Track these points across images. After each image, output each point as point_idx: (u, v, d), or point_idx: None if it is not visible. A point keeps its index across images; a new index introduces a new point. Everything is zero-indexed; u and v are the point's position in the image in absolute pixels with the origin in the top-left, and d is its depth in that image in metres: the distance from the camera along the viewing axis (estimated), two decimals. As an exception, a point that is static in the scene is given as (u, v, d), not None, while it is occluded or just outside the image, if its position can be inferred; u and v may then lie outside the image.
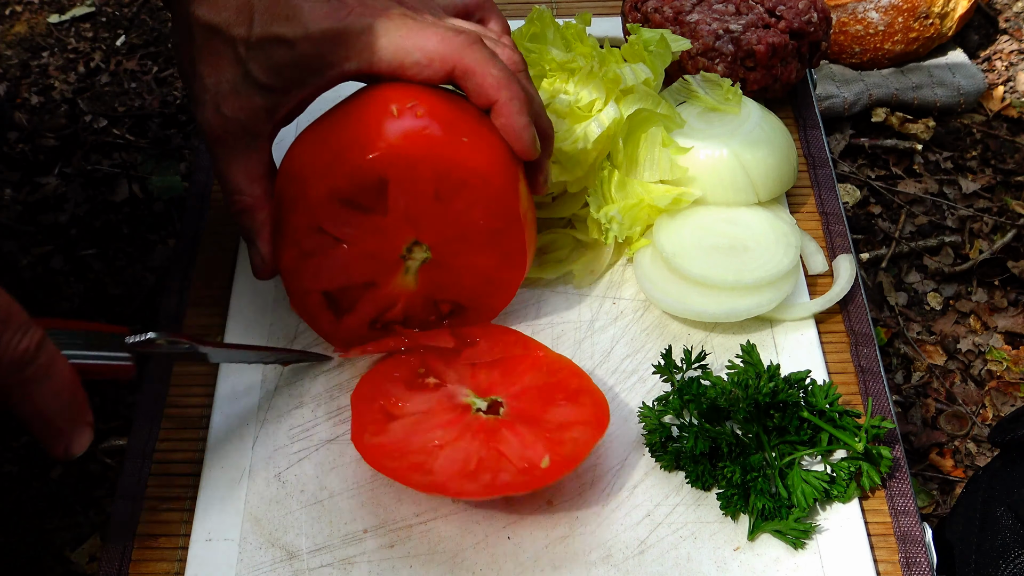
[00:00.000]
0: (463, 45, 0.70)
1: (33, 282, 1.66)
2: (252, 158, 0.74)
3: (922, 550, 0.71)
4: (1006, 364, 1.53)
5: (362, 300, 0.77)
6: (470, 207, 0.72)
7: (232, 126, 0.72)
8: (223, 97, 0.72)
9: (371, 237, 0.73)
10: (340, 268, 0.75)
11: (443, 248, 0.75)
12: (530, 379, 0.76)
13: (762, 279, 0.80)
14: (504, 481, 0.69)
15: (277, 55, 0.70)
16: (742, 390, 0.73)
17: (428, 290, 0.77)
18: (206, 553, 0.71)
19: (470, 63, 0.70)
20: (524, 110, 0.71)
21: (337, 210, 0.71)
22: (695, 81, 0.89)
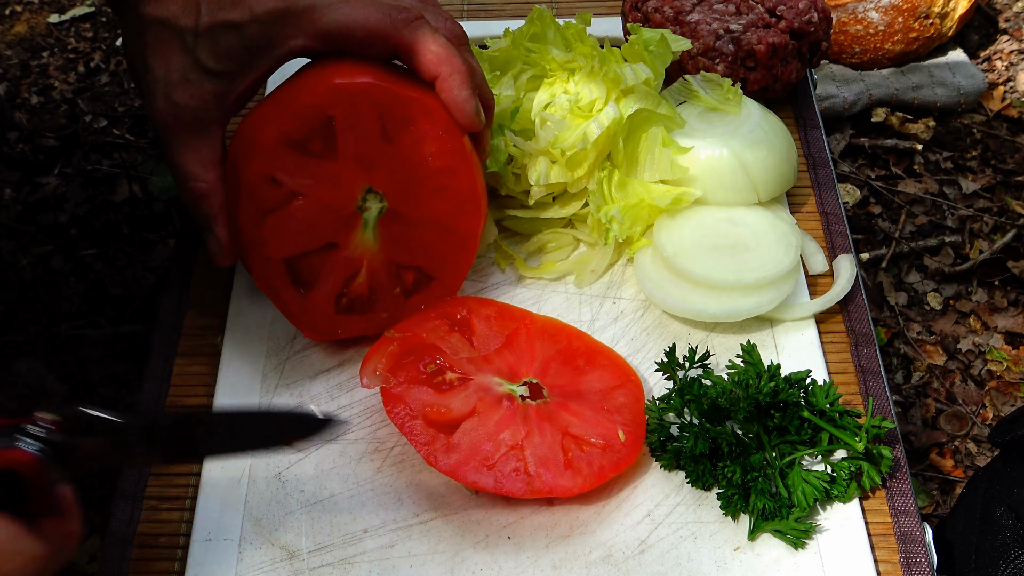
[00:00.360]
0: (404, 23, 0.71)
1: (33, 282, 1.66)
2: (204, 144, 0.75)
3: (922, 550, 0.71)
4: (1006, 364, 1.53)
5: (324, 268, 0.77)
6: (418, 143, 0.74)
7: (183, 113, 0.74)
8: (173, 86, 0.73)
9: (325, 187, 0.74)
10: (298, 226, 0.75)
11: (397, 195, 0.75)
12: (541, 350, 0.77)
13: (762, 279, 0.80)
14: (601, 465, 0.71)
15: (225, 40, 0.72)
16: (743, 390, 0.73)
17: (389, 251, 0.77)
18: (206, 553, 0.71)
19: (410, 39, 0.72)
20: (465, 83, 0.73)
21: (288, 156, 0.73)
22: (695, 81, 0.89)
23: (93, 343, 1.58)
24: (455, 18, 0.79)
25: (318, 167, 0.74)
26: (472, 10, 1.12)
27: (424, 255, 0.78)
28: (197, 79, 0.73)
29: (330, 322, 0.79)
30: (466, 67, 0.73)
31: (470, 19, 1.10)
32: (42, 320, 1.62)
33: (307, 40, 0.72)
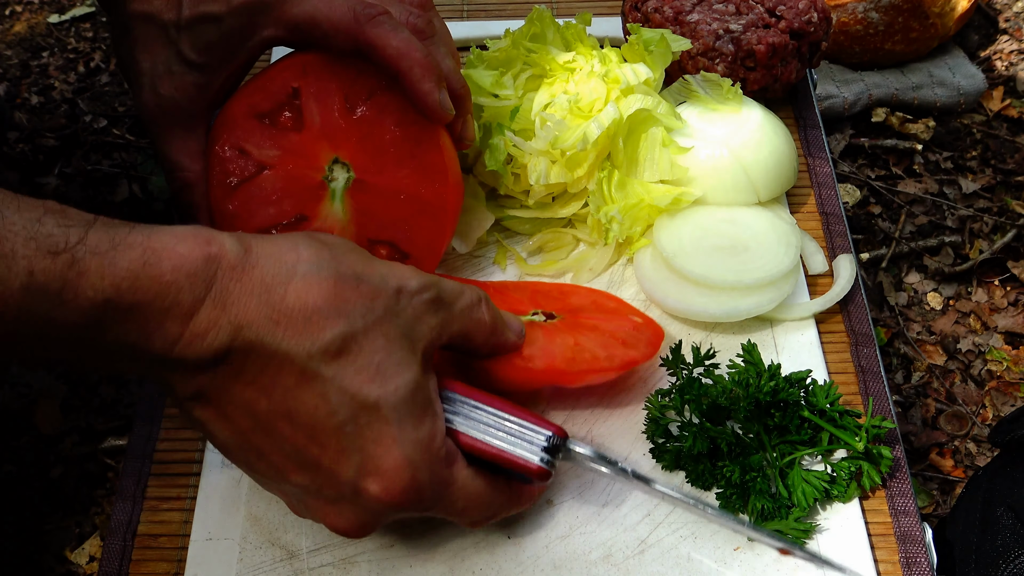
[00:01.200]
0: (366, 19, 0.73)
1: (33, 282, 1.66)
2: (189, 136, 0.78)
3: (922, 550, 0.71)
4: (1006, 364, 1.53)
5: None
6: (381, 114, 0.76)
7: (168, 105, 0.77)
8: (158, 79, 0.76)
9: (291, 157, 0.77)
10: (267, 198, 0.77)
11: (364, 164, 0.77)
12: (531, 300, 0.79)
13: (762, 279, 0.80)
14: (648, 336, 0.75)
15: (205, 32, 0.75)
16: (743, 389, 0.73)
17: (360, 223, 0.78)
18: (206, 553, 0.71)
19: (371, 36, 0.73)
20: (427, 75, 0.73)
21: (256, 127, 0.76)
22: (695, 81, 0.89)
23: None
24: (456, 18, 0.79)
25: (285, 138, 0.77)
26: (472, 10, 1.12)
27: (395, 228, 0.79)
28: (180, 71, 0.76)
29: None
30: (427, 60, 0.73)
31: (470, 19, 1.10)
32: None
33: (278, 30, 0.75)
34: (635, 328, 0.76)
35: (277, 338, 0.56)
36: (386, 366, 0.59)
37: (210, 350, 0.56)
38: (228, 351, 0.56)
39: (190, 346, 0.55)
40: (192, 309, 0.55)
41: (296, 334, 0.57)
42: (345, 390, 0.57)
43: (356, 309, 0.58)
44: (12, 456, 1.46)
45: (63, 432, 1.49)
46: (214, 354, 0.56)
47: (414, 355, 0.60)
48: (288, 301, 0.57)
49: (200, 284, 0.55)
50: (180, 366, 0.56)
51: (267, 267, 0.57)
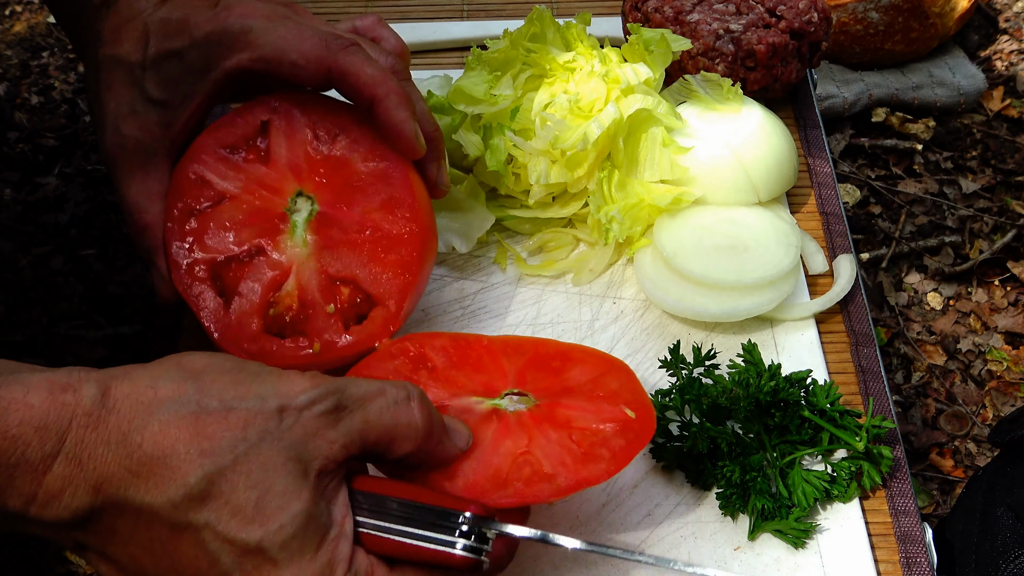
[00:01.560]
0: (339, 48, 0.71)
1: (33, 282, 1.66)
2: (151, 176, 0.75)
3: (922, 550, 0.71)
4: (1006, 364, 1.53)
5: (251, 274, 0.73)
6: (350, 149, 0.74)
7: (130, 144, 0.75)
8: (122, 119, 0.74)
9: (255, 188, 0.74)
10: (224, 226, 0.74)
11: (329, 198, 0.74)
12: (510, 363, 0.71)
13: (762, 279, 0.80)
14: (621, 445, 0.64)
15: (168, 68, 0.74)
16: (743, 389, 0.73)
17: (321, 260, 0.73)
18: (206, 553, 0.71)
19: (345, 64, 0.71)
20: (402, 104, 0.72)
21: (221, 158, 0.74)
22: (695, 81, 0.89)
23: (93, 343, 1.58)
24: (456, 17, 0.78)
25: (250, 170, 0.75)
26: (472, 10, 1.12)
27: (359, 265, 0.73)
28: (144, 110, 0.74)
29: (255, 340, 0.72)
30: (401, 90, 0.72)
31: (470, 19, 1.10)
32: (42, 320, 1.62)
33: (241, 60, 0.72)
34: (620, 426, 0.65)
35: (140, 491, 0.52)
36: (266, 501, 0.53)
37: (68, 510, 0.51)
38: (91, 510, 0.52)
39: (47, 507, 0.51)
40: (43, 465, 0.50)
41: (157, 484, 0.52)
42: (222, 536, 0.52)
43: (222, 444, 0.53)
44: (12, 456, 1.46)
45: (63, 432, 1.48)
46: (73, 514, 0.52)
47: (305, 479, 0.54)
48: (145, 448, 0.52)
49: (51, 437, 0.51)
50: (44, 526, 0.52)
51: (124, 411, 0.52)
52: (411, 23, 1.09)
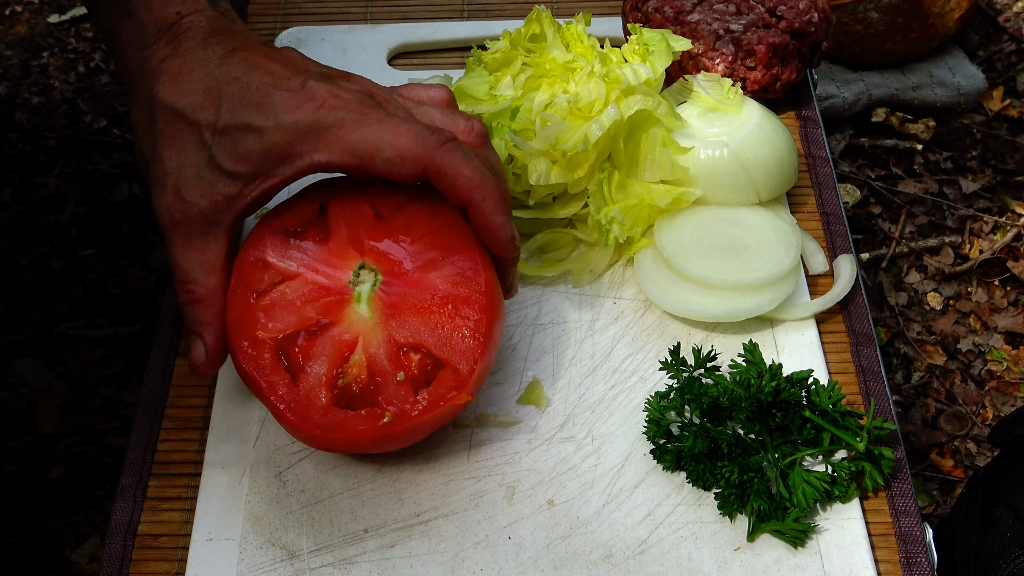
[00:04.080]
0: (436, 145, 0.68)
1: (33, 282, 1.67)
2: (209, 248, 0.72)
3: (923, 550, 0.71)
4: (1006, 364, 1.53)
5: (317, 348, 0.71)
6: (411, 222, 0.72)
7: (192, 212, 0.70)
8: (185, 182, 0.70)
9: (317, 266, 0.72)
10: (289, 306, 0.72)
11: (393, 268, 0.72)
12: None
13: (763, 279, 0.80)
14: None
15: (245, 142, 0.69)
16: (744, 389, 0.73)
17: (388, 328, 0.72)
18: (207, 553, 0.71)
19: (442, 163, 0.68)
20: (500, 208, 0.70)
21: (281, 241, 0.72)
22: (696, 81, 0.89)
23: (93, 343, 1.58)
24: (456, 18, 0.78)
25: (310, 249, 0.73)
26: (472, 10, 1.12)
27: (427, 331, 0.72)
28: (211, 178, 0.70)
29: (324, 415, 0.70)
30: (499, 192, 0.70)
31: (470, 19, 1.10)
32: (42, 320, 1.62)
33: (331, 155, 0.69)
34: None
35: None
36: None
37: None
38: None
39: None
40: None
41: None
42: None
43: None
44: (12, 456, 1.46)
45: (63, 432, 1.49)
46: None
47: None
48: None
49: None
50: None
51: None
52: (411, 23, 1.09)
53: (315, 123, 0.68)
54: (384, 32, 1.07)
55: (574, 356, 0.81)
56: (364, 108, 0.69)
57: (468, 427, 0.77)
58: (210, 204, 0.70)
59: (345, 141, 0.68)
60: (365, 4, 1.12)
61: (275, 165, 0.69)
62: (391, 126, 0.68)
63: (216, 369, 0.73)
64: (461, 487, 0.74)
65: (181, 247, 0.71)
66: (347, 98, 0.69)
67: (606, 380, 0.79)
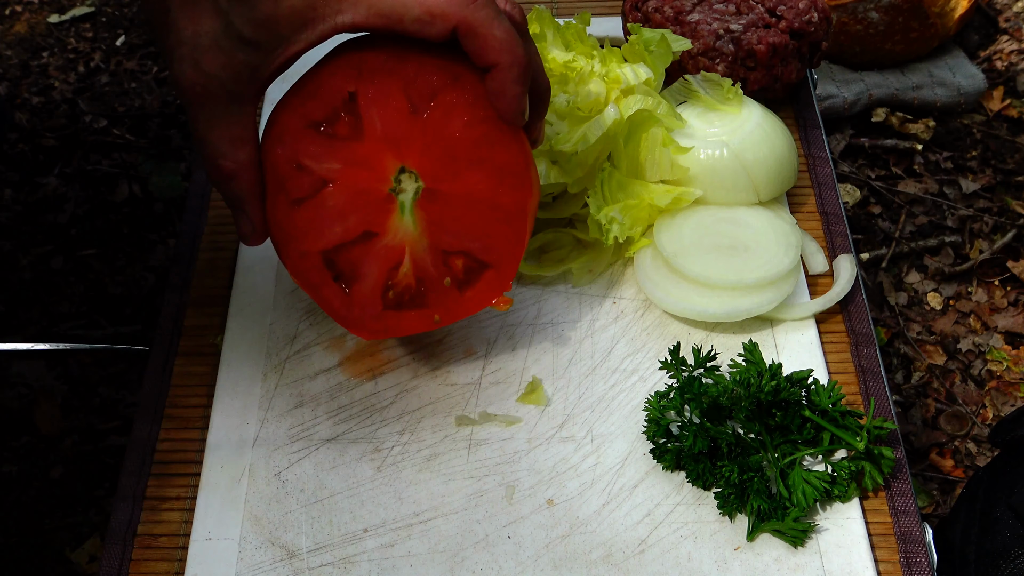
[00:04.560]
0: (468, 1, 0.65)
1: (33, 282, 1.67)
2: (235, 120, 0.68)
3: (922, 550, 0.71)
4: (1006, 364, 1.53)
5: (365, 260, 0.73)
6: (449, 115, 0.70)
7: (213, 84, 0.66)
8: (202, 52, 0.65)
9: (354, 170, 0.70)
10: (331, 215, 0.71)
11: (434, 172, 0.71)
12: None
13: (763, 279, 0.80)
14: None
15: (263, 6, 0.64)
16: (744, 389, 0.73)
17: (433, 235, 0.73)
18: (206, 552, 0.71)
19: (474, 20, 0.65)
20: (521, 78, 0.68)
21: (313, 139, 0.70)
22: (696, 81, 0.89)
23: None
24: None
25: (346, 149, 0.70)
26: (472, 10, 1.11)
27: (470, 237, 0.73)
28: (229, 47, 0.65)
29: (379, 319, 0.74)
30: (526, 60, 0.68)
31: (470, 19, 1.10)
32: (42, 320, 1.62)
33: (356, 16, 0.65)
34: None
35: None
36: None
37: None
38: None
39: None
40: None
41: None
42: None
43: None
44: (12, 456, 1.46)
45: (63, 432, 1.49)
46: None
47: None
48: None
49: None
50: None
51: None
52: (411, 23, 1.09)
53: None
54: (384, 32, 1.07)
55: (574, 356, 0.81)
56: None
57: (468, 427, 0.77)
58: (231, 75, 0.66)
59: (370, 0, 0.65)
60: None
61: (297, 30, 0.65)
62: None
63: (263, 240, 0.73)
64: (461, 487, 0.74)
65: (206, 122, 0.68)
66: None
67: (606, 380, 0.79)
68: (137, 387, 1.51)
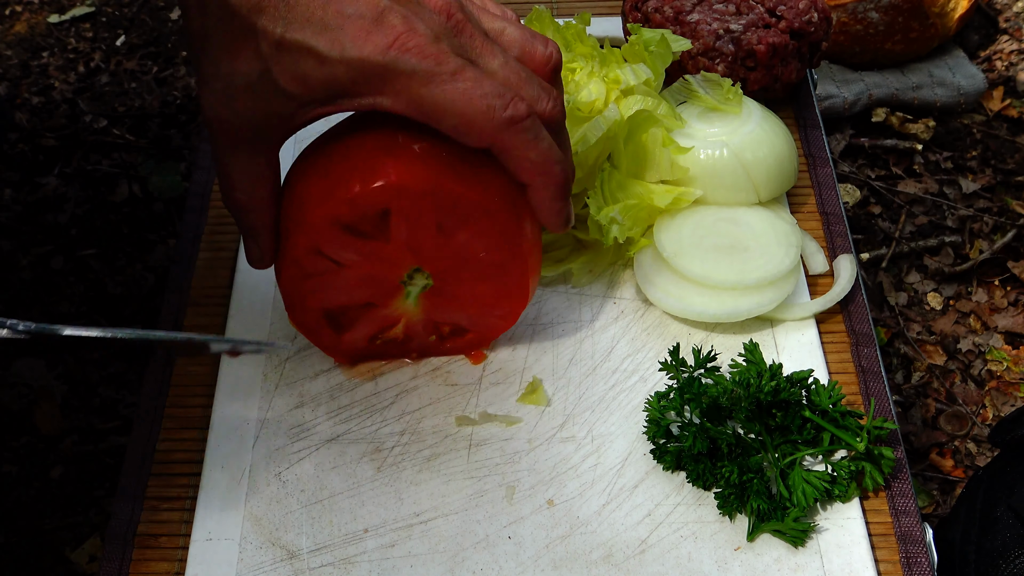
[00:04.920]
0: (505, 124, 0.64)
1: (33, 282, 1.67)
2: (257, 159, 0.68)
3: (923, 550, 0.71)
4: (1006, 364, 1.53)
5: (362, 319, 0.77)
6: (472, 239, 0.72)
7: (242, 124, 0.66)
8: (236, 91, 0.65)
9: (372, 262, 0.73)
10: (340, 289, 0.74)
11: (444, 276, 0.75)
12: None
13: (763, 279, 0.80)
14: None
15: (306, 65, 0.63)
16: (744, 389, 0.73)
17: (429, 313, 0.77)
18: (206, 553, 0.71)
19: (508, 144, 0.66)
20: (560, 194, 0.69)
21: (337, 235, 0.70)
22: (695, 81, 0.89)
23: (93, 343, 1.58)
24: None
25: (367, 246, 0.71)
26: (472, 10, 1.11)
27: (465, 319, 0.78)
28: (264, 93, 0.65)
29: (363, 355, 0.81)
30: (563, 176, 0.68)
31: (470, 19, 1.10)
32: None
33: (397, 104, 0.64)
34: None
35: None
36: None
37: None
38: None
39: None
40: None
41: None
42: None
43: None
44: (12, 456, 1.46)
45: (63, 432, 1.49)
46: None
47: None
48: None
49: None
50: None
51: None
52: (411, 23, 1.09)
53: (384, 67, 0.63)
54: (384, 32, 1.07)
55: (574, 356, 0.81)
56: (439, 56, 0.63)
57: (468, 427, 0.77)
58: (261, 119, 0.66)
59: (412, 94, 0.63)
60: (365, 4, 1.12)
61: (336, 96, 0.65)
62: (463, 91, 0.63)
63: (270, 265, 0.74)
64: (461, 487, 0.74)
65: (230, 156, 0.68)
66: (422, 35, 0.63)
67: (606, 380, 0.79)
68: (137, 387, 1.51)
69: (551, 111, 0.68)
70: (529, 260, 0.74)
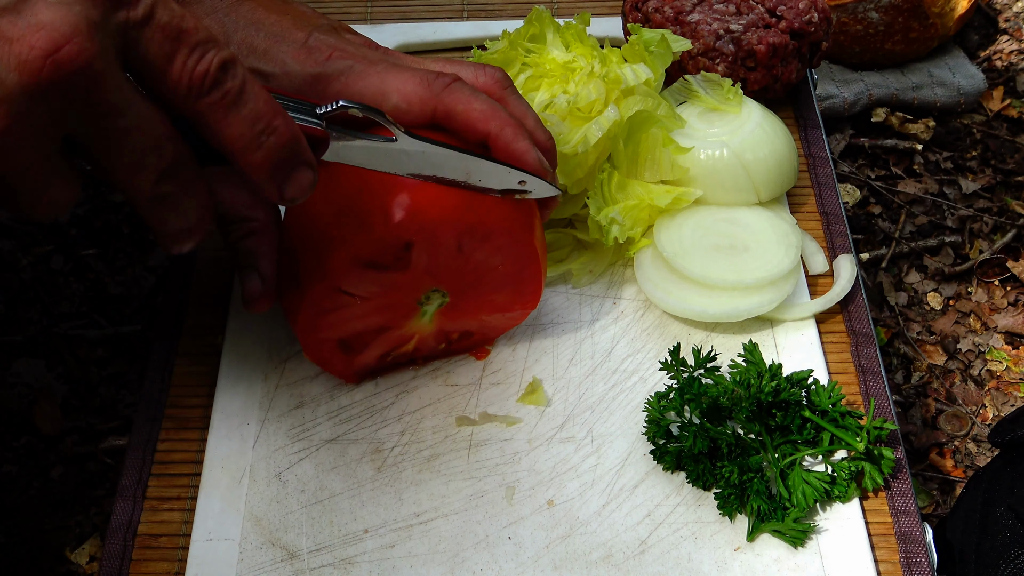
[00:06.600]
0: (442, 86, 0.69)
1: (33, 282, 1.66)
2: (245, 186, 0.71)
3: (923, 550, 0.71)
4: (1006, 364, 1.53)
5: (376, 341, 0.76)
6: (490, 256, 0.72)
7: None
8: None
9: (391, 291, 0.72)
10: (357, 319, 0.74)
11: (462, 292, 0.75)
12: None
13: (763, 279, 0.80)
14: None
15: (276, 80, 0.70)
16: (744, 389, 0.73)
17: (442, 325, 0.77)
18: (206, 553, 0.71)
19: (450, 103, 0.69)
20: (518, 135, 0.70)
21: (358, 272, 0.70)
22: (696, 81, 0.89)
23: (93, 343, 1.58)
24: (456, 18, 0.76)
25: (387, 277, 0.71)
26: (472, 10, 1.12)
27: (476, 328, 0.79)
28: None
29: (372, 372, 0.80)
30: (513, 120, 0.70)
31: (470, 19, 1.10)
32: (42, 320, 1.62)
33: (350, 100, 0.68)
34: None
35: None
36: None
37: None
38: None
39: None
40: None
41: None
42: None
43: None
44: (12, 456, 1.46)
45: (63, 432, 1.49)
46: None
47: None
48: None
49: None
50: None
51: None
52: (411, 23, 1.09)
53: (321, 74, 0.70)
54: (384, 32, 1.07)
55: (574, 356, 0.81)
56: (369, 57, 0.71)
57: (468, 427, 0.77)
58: None
59: (352, 89, 0.69)
60: (365, 4, 1.12)
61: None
62: (396, 72, 0.69)
63: (271, 304, 0.73)
64: (461, 487, 0.74)
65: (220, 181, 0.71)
66: (351, 50, 0.71)
67: (606, 380, 0.79)
68: (137, 387, 1.51)
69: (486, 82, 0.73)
70: (542, 263, 0.75)
